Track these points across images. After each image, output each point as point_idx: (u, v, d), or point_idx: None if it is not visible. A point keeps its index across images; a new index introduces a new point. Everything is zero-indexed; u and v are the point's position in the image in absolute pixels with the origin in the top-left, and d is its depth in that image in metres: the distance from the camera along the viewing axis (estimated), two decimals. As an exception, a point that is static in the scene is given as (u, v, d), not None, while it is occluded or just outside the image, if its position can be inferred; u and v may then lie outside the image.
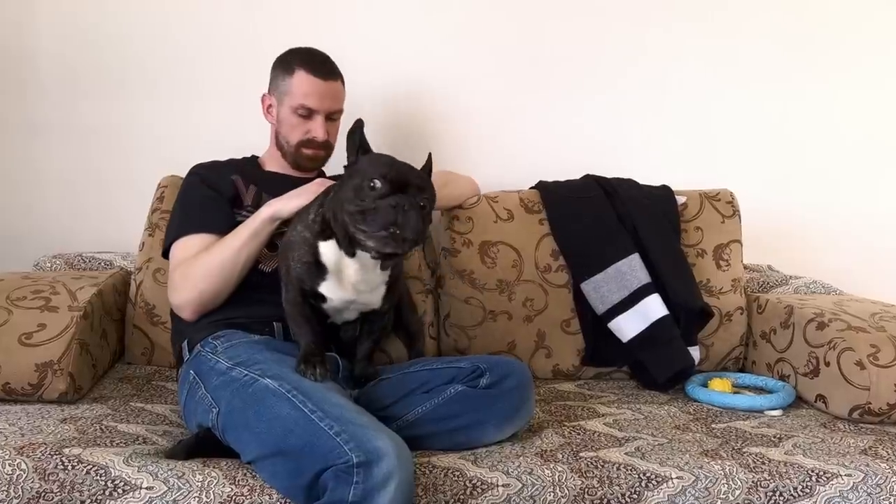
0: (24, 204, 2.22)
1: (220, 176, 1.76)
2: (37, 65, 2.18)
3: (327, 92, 1.79)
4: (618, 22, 2.29)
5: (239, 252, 1.59)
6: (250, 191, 1.74)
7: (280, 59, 1.83)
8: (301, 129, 1.79)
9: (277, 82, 1.82)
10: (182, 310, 1.63)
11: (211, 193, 1.72)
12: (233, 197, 1.73)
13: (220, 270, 1.59)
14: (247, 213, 1.70)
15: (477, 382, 1.44)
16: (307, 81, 1.77)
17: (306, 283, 1.45)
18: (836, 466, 1.41)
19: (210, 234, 1.66)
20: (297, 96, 1.77)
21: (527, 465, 1.36)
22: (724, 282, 2.00)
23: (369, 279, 1.45)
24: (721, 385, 1.81)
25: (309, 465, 1.18)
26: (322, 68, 1.79)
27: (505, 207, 2.00)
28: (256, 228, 1.60)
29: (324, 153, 1.83)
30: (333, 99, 1.81)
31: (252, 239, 1.60)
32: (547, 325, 1.95)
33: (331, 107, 1.80)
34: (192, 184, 1.77)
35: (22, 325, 1.58)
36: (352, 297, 1.46)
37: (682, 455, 1.42)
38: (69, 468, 1.27)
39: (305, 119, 1.78)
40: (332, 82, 1.80)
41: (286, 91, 1.79)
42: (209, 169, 1.79)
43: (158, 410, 1.58)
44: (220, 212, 1.70)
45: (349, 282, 1.44)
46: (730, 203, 2.06)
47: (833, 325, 1.73)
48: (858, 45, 2.35)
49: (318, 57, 1.81)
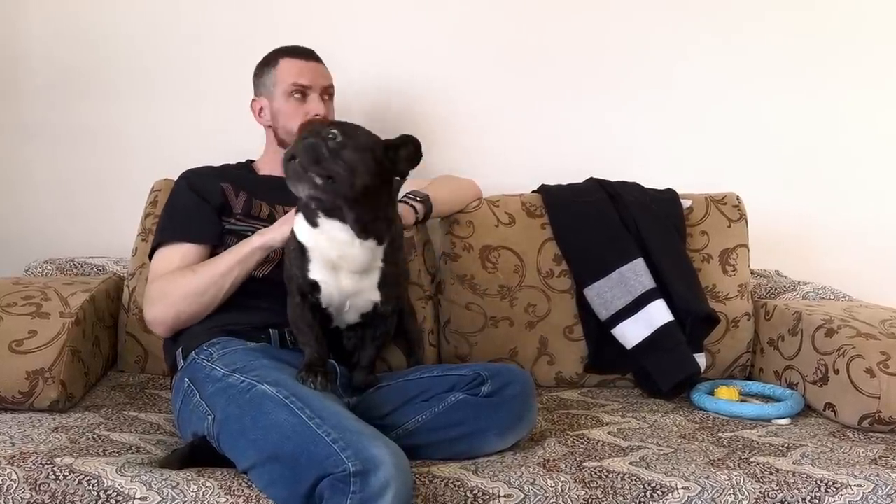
0: (14, 207, 2.22)
1: (208, 182, 1.76)
2: (29, 66, 2.19)
3: (316, 69, 1.85)
4: (622, 21, 2.29)
5: (224, 277, 1.60)
6: (240, 198, 1.74)
7: (260, 62, 1.89)
8: (299, 111, 1.82)
9: (263, 80, 1.86)
10: (155, 325, 1.63)
11: (197, 200, 1.72)
12: (221, 204, 1.73)
13: (202, 294, 1.60)
14: (235, 222, 1.70)
15: (478, 390, 1.44)
16: (294, 64, 1.83)
17: (298, 275, 1.46)
18: (845, 477, 1.41)
19: (192, 244, 1.67)
20: (288, 80, 1.82)
21: (529, 476, 1.36)
22: (731, 287, 2.00)
23: (352, 255, 1.43)
24: (728, 393, 1.81)
25: (305, 472, 1.18)
26: (304, 52, 1.86)
27: (506, 211, 2.01)
28: (245, 255, 1.60)
29: None
30: (324, 76, 1.86)
31: (239, 265, 1.60)
32: (549, 332, 1.95)
33: (323, 82, 1.84)
34: (178, 190, 1.77)
35: (12, 332, 1.58)
36: (343, 283, 1.45)
37: (688, 465, 1.43)
38: (61, 478, 1.27)
39: (301, 101, 1.82)
40: (315, 63, 1.86)
41: (275, 82, 1.83)
42: (198, 175, 1.79)
43: (152, 419, 1.59)
44: (205, 220, 1.70)
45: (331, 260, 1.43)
46: (736, 207, 2.06)
47: (842, 332, 1.73)
48: (869, 45, 2.35)
49: (297, 46, 1.88)
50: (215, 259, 1.64)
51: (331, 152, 1.35)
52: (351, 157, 1.36)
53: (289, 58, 1.84)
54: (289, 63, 1.83)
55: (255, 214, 1.73)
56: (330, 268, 1.44)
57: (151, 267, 1.69)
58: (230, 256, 1.61)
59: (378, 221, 1.43)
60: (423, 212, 1.77)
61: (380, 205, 1.43)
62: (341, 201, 1.38)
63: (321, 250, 1.44)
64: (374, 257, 1.45)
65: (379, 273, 1.48)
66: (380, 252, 1.46)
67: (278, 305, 1.55)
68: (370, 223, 1.41)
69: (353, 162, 1.36)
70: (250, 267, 1.62)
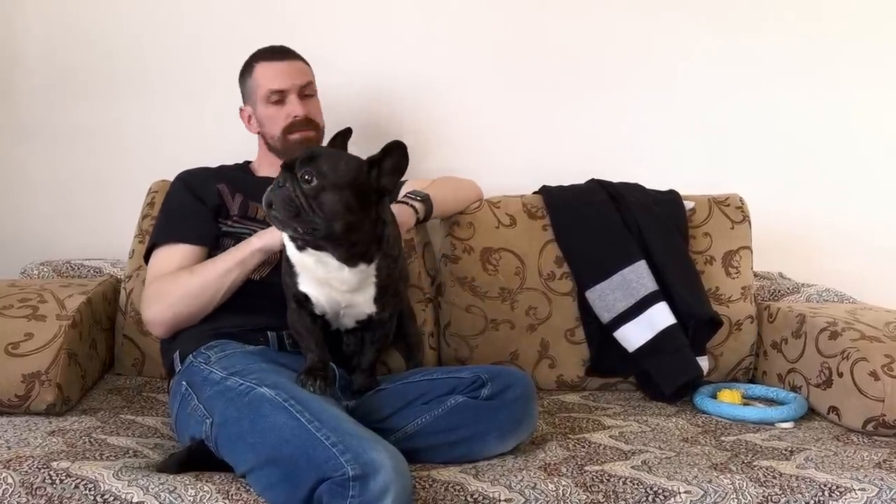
0: (10, 208, 2.22)
1: (204, 184, 1.77)
2: (27, 65, 2.19)
3: (289, 70, 1.83)
4: (625, 20, 2.30)
5: (222, 278, 1.61)
6: (236, 199, 1.75)
7: (241, 69, 1.89)
8: (280, 115, 1.82)
9: (245, 88, 1.88)
10: (153, 326, 1.64)
11: (193, 202, 1.73)
12: (217, 206, 1.74)
13: (200, 294, 1.61)
14: (232, 224, 1.71)
15: (478, 393, 1.44)
16: (267, 68, 1.83)
17: (290, 284, 1.47)
18: (849, 481, 1.41)
19: (188, 245, 1.68)
20: (264, 86, 1.82)
21: (530, 480, 1.36)
22: (734, 290, 2.00)
23: (340, 277, 1.42)
24: (731, 396, 1.81)
25: (304, 476, 1.18)
26: (277, 53, 1.86)
27: (507, 213, 2.01)
28: (244, 258, 1.61)
29: (313, 133, 1.84)
30: (299, 74, 1.85)
31: (238, 266, 1.61)
32: (551, 335, 1.95)
33: (298, 82, 1.83)
34: (175, 191, 1.78)
35: (8, 335, 1.58)
36: (335, 296, 1.45)
37: (691, 469, 1.43)
38: (57, 482, 1.27)
39: (280, 105, 1.82)
40: (291, 61, 1.85)
41: (254, 89, 1.84)
42: (194, 176, 1.80)
43: (149, 423, 1.59)
44: (201, 221, 1.71)
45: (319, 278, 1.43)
46: (739, 208, 2.06)
47: (846, 335, 1.74)
48: (875, 45, 2.35)
49: (268, 47, 1.87)
50: (214, 260, 1.64)
51: (308, 199, 1.32)
52: (330, 201, 1.33)
53: (262, 62, 1.84)
54: (262, 68, 1.83)
55: (252, 216, 1.73)
56: (319, 284, 1.45)
57: (149, 268, 1.70)
58: (229, 258, 1.62)
59: (365, 246, 1.41)
60: (424, 212, 1.77)
61: (366, 229, 1.40)
62: (324, 243, 1.38)
63: (309, 270, 1.44)
64: (365, 276, 1.44)
65: (374, 288, 1.47)
66: (371, 270, 1.44)
67: (277, 308, 1.55)
68: (357, 252, 1.40)
69: (333, 205, 1.33)
70: (249, 269, 1.62)
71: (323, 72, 1.94)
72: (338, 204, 1.34)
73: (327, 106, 1.91)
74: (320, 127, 1.87)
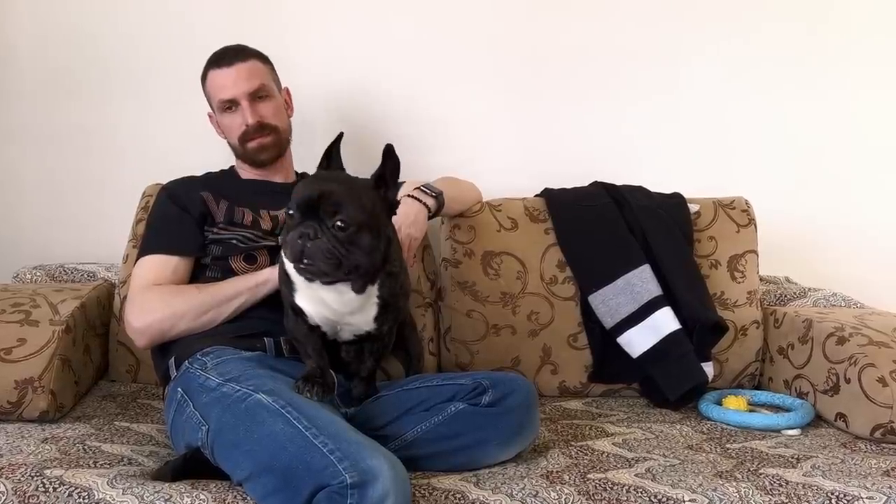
0: (2, 211, 2.23)
1: (188, 193, 1.77)
2: (19, 67, 2.20)
3: (236, 76, 1.80)
4: (628, 23, 2.30)
5: (229, 302, 1.61)
6: (221, 206, 1.75)
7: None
8: (235, 124, 1.82)
9: (206, 96, 1.87)
10: (140, 334, 1.62)
11: (177, 212, 1.74)
12: (202, 214, 1.74)
13: (202, 314, 1.61)
14: (218, 231, 1.72)
15: (479, 400, 1.45)
16: (215, 77, 1.82)
17: (286, 294, 1.47)
18: (856, 489, 1.41)
19: (173, 255, 1.69)
20: (215, 97, 1.83)
21: (532, 488, 1.36)
22: (740, 294, 2.01)
23: (341, 301, 1.43)
24: (736, 403, 1.81)
25: (302, 483, 1.18)
26: (223, 58, 1.82)
27: (509, 216, 2.01)
28: (256, 284, 1.62)
29: (270, 138, 1.83)
30: (246, 79, 1.80)
31: (249, 292, 1.62)
32: (553, 340, 1.96)
33: (246, 88, 1.80)
34: (159, 202, 1.79)
35: (1, 340, 1.59)
36: (332, 316, 1.46)
37: (696, 476, 1.43)
38: (50, 490, 1.27)
39: (233, 113, 1.82)
40: (237, 65, 1.81)
41: (210, 98, 1.85)
42: (179, 185, 1.81)
43: (144, 430, 1.59)
44: (186, 231, 1.72)
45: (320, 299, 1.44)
46: (745, 212, 2.07)
47: (854, 340, 1.74)
48: (881, 46, 2.35)
49: (220, 50, 1.84)
50: (224, 283, 1.65)
51: (345, 246, 1.32)
52: (366, 240, 1.34)
53: (212, 69, 1.83)
54: (212, 76, 1.82)
55: (239, 222, 1.73)
56: (317, 302, 1.45)
57: (134, 276, 1.69)
58: (240, 283, 1.63)
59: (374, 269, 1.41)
60: (435, 207, 1.78)
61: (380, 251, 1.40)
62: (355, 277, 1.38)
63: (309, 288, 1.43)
64: (368, 296, 1.44)
65: (375, 308, 1.47)
66: (374, 290, 1.44)
67: (274, 314, 1.56)
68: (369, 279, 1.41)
69: (370, 242, 1.35)
70: (258, 299, 1.63)
71: (321, 72, 1.94)
72: (374, 239, 1.36)
73: (326, 107, 1.91)
74: (278, 128, 1.84)
